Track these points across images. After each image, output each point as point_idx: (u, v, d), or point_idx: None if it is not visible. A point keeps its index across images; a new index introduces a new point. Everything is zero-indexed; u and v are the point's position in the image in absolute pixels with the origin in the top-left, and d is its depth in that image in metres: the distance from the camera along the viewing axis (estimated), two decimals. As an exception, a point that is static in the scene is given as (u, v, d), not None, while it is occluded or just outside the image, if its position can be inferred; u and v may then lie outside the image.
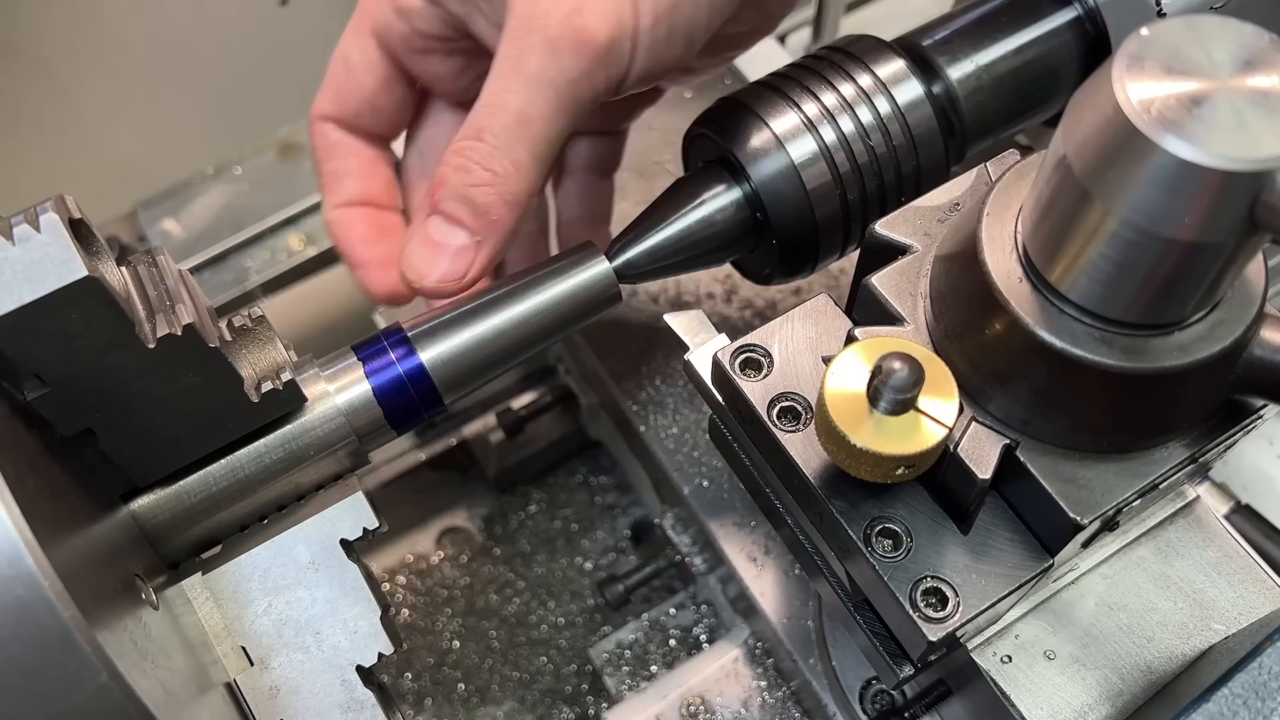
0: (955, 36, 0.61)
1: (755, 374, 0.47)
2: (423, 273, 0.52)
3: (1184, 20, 0.34)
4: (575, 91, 0.49)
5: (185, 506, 0.51)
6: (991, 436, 0.42)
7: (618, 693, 0.75)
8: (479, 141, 0.50)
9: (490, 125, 0.49)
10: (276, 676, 0.50)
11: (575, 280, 0.57)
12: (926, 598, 0.43)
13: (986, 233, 0.41)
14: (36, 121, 1.36)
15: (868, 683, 0.63)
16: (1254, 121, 0.32)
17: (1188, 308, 0.38)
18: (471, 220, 0.51)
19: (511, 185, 0.50)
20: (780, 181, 0.57)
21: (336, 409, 0.53)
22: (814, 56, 0.60)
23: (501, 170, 0.50)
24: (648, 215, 0.59)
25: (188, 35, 1.40)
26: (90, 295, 0.39)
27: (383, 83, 0.58)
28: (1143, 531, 0.52)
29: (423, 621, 0.85)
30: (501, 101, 0.49)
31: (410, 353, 0.55)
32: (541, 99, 0.48)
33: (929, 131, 0.58)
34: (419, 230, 0.52)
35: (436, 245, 0.52)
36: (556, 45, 0.47)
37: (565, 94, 0.49)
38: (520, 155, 0.50)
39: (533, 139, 0.49)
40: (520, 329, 0.56)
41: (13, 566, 0.33)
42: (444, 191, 0.51)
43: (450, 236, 0.51)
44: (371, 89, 0.59)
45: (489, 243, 0.52)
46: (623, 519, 0.88)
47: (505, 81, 0.49)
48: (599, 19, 0.47)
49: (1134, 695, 0.48)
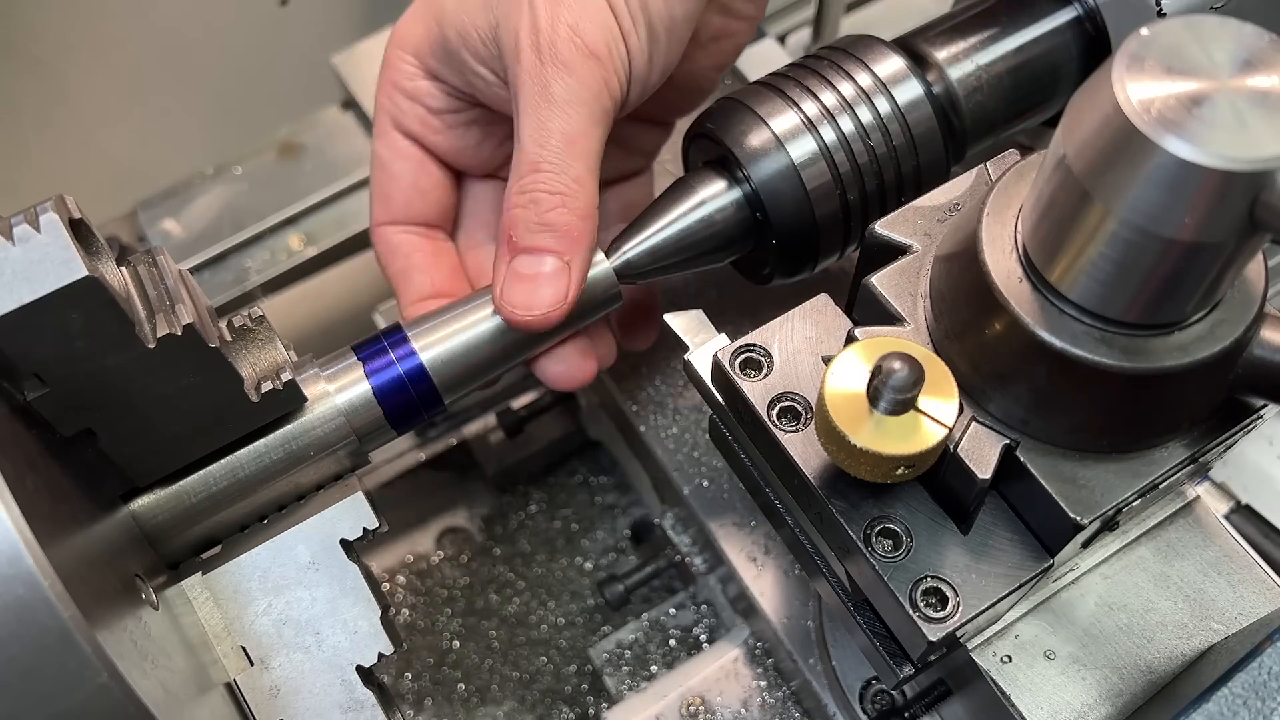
0: (955, 36, 0.61)
1: (755, 374, 0.47)
2: (529, 305, 0.53)
3: (1184, 20, 0.34)
4: (601, 103, 0.53)
5: (185, 506, 0.51)
6: (991, 436, 0.42)
7: (618, 693, 0.75)
8: (538, 173, 0.53)
9: (542, 154, 0.53)
10: (276, 676, 0.50)
11: (575, 280, 0.57)
12: (926, 598, 0.43)
13: (986, 233, 0.41)
14: (36, 121, 1.36)
15: (868, 683, 0.63)
16: (1254, 121, 0.32)
17: (1188, 308, 0.38)
18: (555, 243, 0.53)
19: (579, 200, 0.53)
20: (780, 181, 0.57)
21: (336, 409, 0.53)
22: (814, 56, 0.60)
23: (567, 189, 0.53)
24: (648, 215, 0.59)
25: (187, 35, 1.40)
26: (90, 295, 0.39)
27: (418, 168, 0.62)
28: (1143, 531, 0.52)
29: (423, 621, 0.85)
30: (544, 131, 0.52)
31: (410, 353, 0.55)
32: (578, 116, 0.52)
33: (929, 131, 0.58)
34: (506, 273, 0.54)
35: (531, 279, 0.53)
36: (571, 66, 0.52)
37: (594, 108, 0.53)
38: (579, 171, 0.53)
39: (582, 154, 0.53)
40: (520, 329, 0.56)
41: (13, 566, 0.33)
42: (519, 229, 0.53)
43: (540, 266, 0.53)
44: (410, 177, 0.62)
45: (576, 259, 0.54)
46: (623, 519, 0.88)
47: (540, 113, 0.52)
48: (594, 33, 0.52)
49: (1134, 695, 0.48)
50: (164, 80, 1.40)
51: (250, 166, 0.94)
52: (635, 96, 0.56)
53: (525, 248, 0.53)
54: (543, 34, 0.52)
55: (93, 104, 1.39)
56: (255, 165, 0.94)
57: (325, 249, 0.89)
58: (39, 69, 1.33)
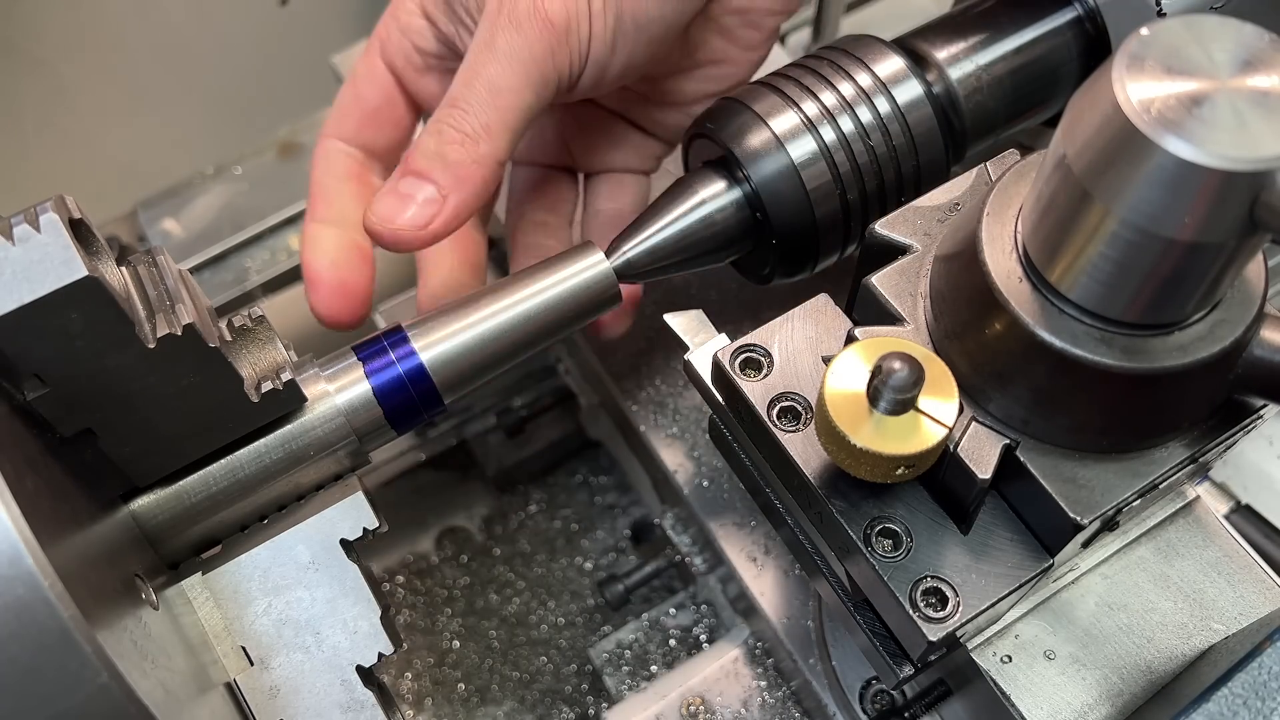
0: (955, 36, 0.61)
1: (755, 374, 0.47)
2: (387, 218, 0.54)
3: (1184, 20, 0.34)
4: (541, 69, 0.54)
5: (185, 506, 0.51)
6: (991, 436, 0.42)
7: (618, 693, 0.75)
8: (453, 109, 0.54)
9: (464, 94, 0.54)
10: (276, 676, 0.50)
11: (575, 280, 0.57)
12: (926, 598, 0.43)
13: (986, 233, 0.41)
14: (36, 121, 1.36)
15: (868, 683, 0.63)
16: (1254, 121, 0.32)
17: (1188, 308, 0.38)
18: (440, 174, 0.54)
19: (481, 147, 0.54)
20: (780, 181, 0.57)
21: (336, 409, 0.53)
22: (814, 56, 0.60)
23: (471, 131, 0.54)
24: (648, 215, 0.59)
25: (187, 35, 1.40)
26: (90, 295, 0.39)
27: (386, 98, 0.64)
28: (1143, 531, 0.52)
29: (423, 621, 0.85)
30: (474, 74, 0.54)
31: (410, 352, 0.55)
32: (510, 72, 0.53)
33: (929, 131, 0.58)
34: (388, 186, 0.55)
35: (404, 196, 0.54)
36: (521, 25, 0.53)
37: (532, 70, 0.54)
38: (491, 120, 0.54)
39: (502, 108, 0.54)
40: (520, 329, 0.56)
41: (13, 566, 0.33)
42: (417, 152, 0.54)
43: (418, 190, 0.54)
44: (375, 103, 0.64)
45: (455, 197, 0.54)
46: (623, 519, 0.88)
47: (478, 57, 0.54)
48: (557, 4, 0.53)
49: (1134, 695, 0.48)
50: (164, 80, 1.40)
51: (250, 166, 0.94)
52: (590, 80, 0.57)
53: (413, 170, 0.54)
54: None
55: (93, 104, 1.39)
56: (255, 165, 0.94)
57: (325, 249, 0.89)
58: (39, 69, 1.33)
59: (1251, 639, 0.46)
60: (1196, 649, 0.49)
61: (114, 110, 1.40)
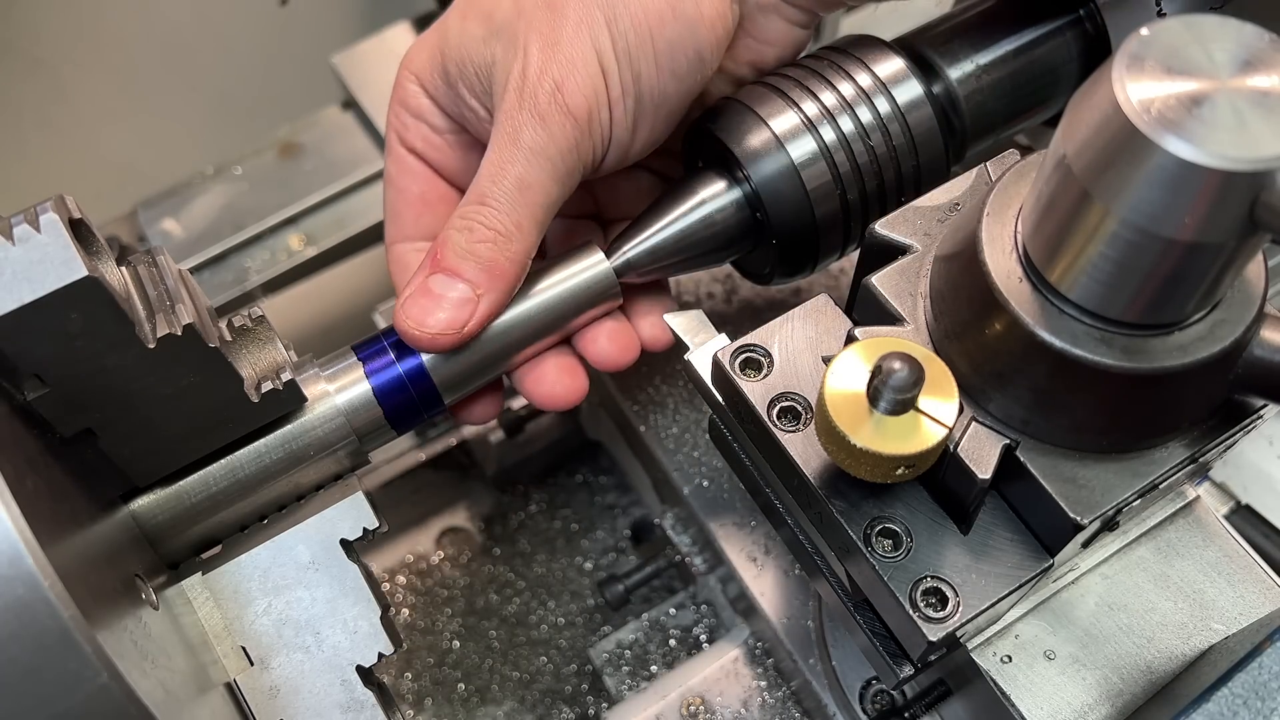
0: (955, 37, 0.61)
1: (755, 374, 0.47)
2: (421, 321, 0.53)
3: (1184, 20, 0.34)
4: (566, 161, 0.54)
5: (185, 506, 0.51)
6: (991, 436, 0.42)
7: (618, 693, 0.75)
8: (483, 206, 0.53)
9: (493, 191, 0.53)
10: (276, 676, 0.50)
11: (575, 280, 0.57)
12: (926, 598, 0.43)
13: (986, 233, 0.41)
14: (36, 121, 1.36)
15: (868, 683, 0.63)
16: (1254, 121, 0.32)
17: (1188, 308, 0.38)
18: (474, 273, 0.53)
19: (514, 245, 0.54)
20: (780, 181, 0.57)
21: (336, 409, 0.53)
22: (814, 56, 0.60)
23: (503, 229, 0.53)
24: (648, 215, 0.59)
25: (187, 35, 1.40)
26: (90, 295, 0.40)
27: (425, 183, 0.63)
28: (1143, 531, 0.52)
29: (423, 621, 0.85)
30: (502, 171, 0.53)
31: (410, 352, 0.55)
32: (538, 168, 0.53)
33: (929, 131, 0.58)
34: (418, 284, 0.54)
35: (436, 298, 0.54)
36: (546, 121, 0.53)
37: (558, 163, 0.54)
38: (521, 218, 0.54)
39: (531, 204, 0.54)
40: (520, 329, 0.57)
41: (13, 566, 0.33)
42: (447, 249, 0.54)
43: (450, 289, 0.54)
44: (418, 191, 0.63)
45: (489, 296, 0.54)
46: (623, 519, 0.88)
47: (504, 153, 0.53)
48: (578, 94, 0.53)
49: (1134, 695, 0.48)
50: (164, 80, 1.40)
51: (250, 166, 0.94)
52: (613, 162, 0.57)
53: (445, 268, 0.54)
54: (528, 81, 0.52)
55: (93, 104, 1.39)
56: (255, 165, 0.94)
57: (325, 249, 0.89)
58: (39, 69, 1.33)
59: (1251, 639, 0.46)
60: (1196, 649, 0.49)
61: (114, 110, 1.40)
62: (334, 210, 0.91)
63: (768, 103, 0.57)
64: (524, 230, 0.54)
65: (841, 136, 0.57)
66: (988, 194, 0.42)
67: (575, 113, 0.53)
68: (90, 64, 1.36)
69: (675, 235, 0.58)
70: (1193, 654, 0.49)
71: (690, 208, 0.58)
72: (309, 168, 0.93)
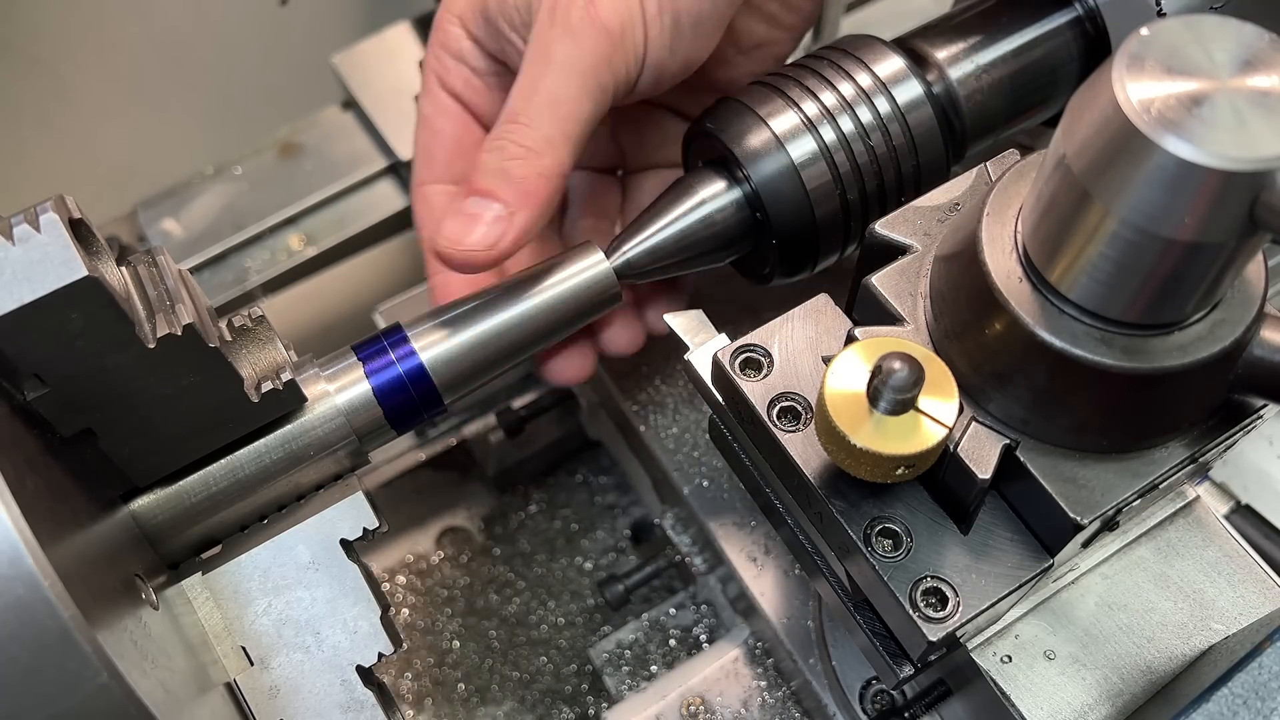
0: (955, 36, 0.61)
1: (755, 374, 0.47)
2: (458, 239, 0.53)
3: (1184, 20, 0.34)
4: (598, 77, 0.53)
5: (185, 506, 0.51)
6: (991, 436, 0.42)
7: (618, 693, 0.75)
8: (514, 124, 0.53)
9: (523, 108, 0.53)
10: (276, 676, 0.50)
11: (575, 280, 0.57)
12: (926, 598, 0.43)
13: (986, 233, 0.41)
14: (36, 121, 1.36)
15: (868, 683, 0.63)
16: (1254, 121, 0.32)
17: (1188, 308, 0.38)
18: (506, 192, 0.53)
19: (545, 160, 0.53)
20: (780, 181, 0.57)
21: (336, 409, 0.53)
22: (814, 56, 0.60)
23: (535, 145, 0.53)
24: (647, 215, 0.59)
25: (187, 35, 1.40)
26: (90, 295, 0.39)
27: (462, 126, 0.62)
28: (1143, 531, 0.52)
29: (423, 621, 0.85)
30: (532, 87, 0.53)
31: (410, 353, 0.55)
32: (568, 83, 0.53)
33: (929, 131, 0.58)
34: (454, 207, 0.54)
35: (472, 216, 0.53)
36: (577, 35, 0.52)
37: (589, 79, 0.53)
38: (553, 133, 0.53)
39: (563, 119, 0.53)
40: (520, 329, 0.57)
41: (13, 566, 0.33)
42: (479, 172, 0.54)
43: (485, 209, 0.53)
44: (453, 134, 0.63)
45: (522, 214, 0.54)
46: (623, 519, 0.88)
47: (535, 69, 0.53)
48: (611, 10, 0.52)
49: (1134, 695, 0.48)
50: (164, 80, 1.40)
51: (250, 166, 0.94)
52: (649, 83, 0.57)
53: (479, 189, 0.53)
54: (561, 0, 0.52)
55: (93, 104, 1.39)
56: (255, 165, 0.94)
57: (325, 249, 0.89)
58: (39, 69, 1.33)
59: (1251, 639, 0.46)
60: (1196, 649, 0.49)
61: (114, 110, 1.40)
62: (334, 210, 0.91)
63: (768, 102, 0.57)
64: (555, 146, 0.53)
65: (841, 136, 0.57)
66: (988, 194, 0.42)
67: (608, 25, 0.52)
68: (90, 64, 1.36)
69: (675, 235, 0.58)
70: (1193, 654, 0.49)
71: (690, 208, 0.58)
72: (309, 168, 0.93)
